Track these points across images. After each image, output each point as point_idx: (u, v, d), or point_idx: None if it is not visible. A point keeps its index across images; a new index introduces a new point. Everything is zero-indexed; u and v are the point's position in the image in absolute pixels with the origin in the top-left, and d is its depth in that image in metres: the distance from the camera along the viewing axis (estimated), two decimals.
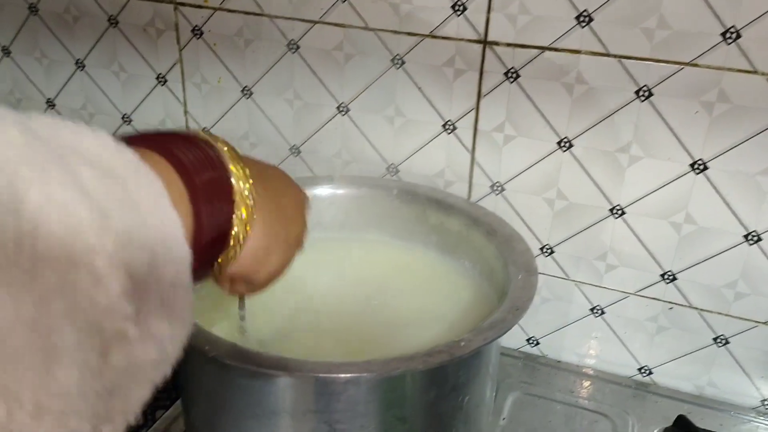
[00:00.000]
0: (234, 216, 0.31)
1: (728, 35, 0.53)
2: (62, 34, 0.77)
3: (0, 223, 0.18)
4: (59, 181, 0.20)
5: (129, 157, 0.24)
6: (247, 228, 0.32)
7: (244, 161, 0.32)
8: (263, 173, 0.34)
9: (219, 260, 0.32)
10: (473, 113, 0.64)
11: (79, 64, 0.79)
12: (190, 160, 0.28)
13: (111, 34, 0.75)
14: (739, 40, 0.53)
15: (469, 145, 0.66)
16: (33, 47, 0.80)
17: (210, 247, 0.30)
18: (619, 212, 0.62)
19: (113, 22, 0.74)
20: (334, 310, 0.60)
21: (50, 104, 0.83)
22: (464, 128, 0.65)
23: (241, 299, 0.50)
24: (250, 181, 0.32)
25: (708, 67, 0.54)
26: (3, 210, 0.18)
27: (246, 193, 0.31)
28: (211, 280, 0.34)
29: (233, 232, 0.31)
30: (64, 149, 0.21)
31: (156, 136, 0.30)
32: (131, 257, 0.21)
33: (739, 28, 0.52)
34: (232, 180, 0.31)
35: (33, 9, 0.77)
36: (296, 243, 0.39)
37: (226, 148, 0.32)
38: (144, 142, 0.27)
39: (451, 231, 0.63)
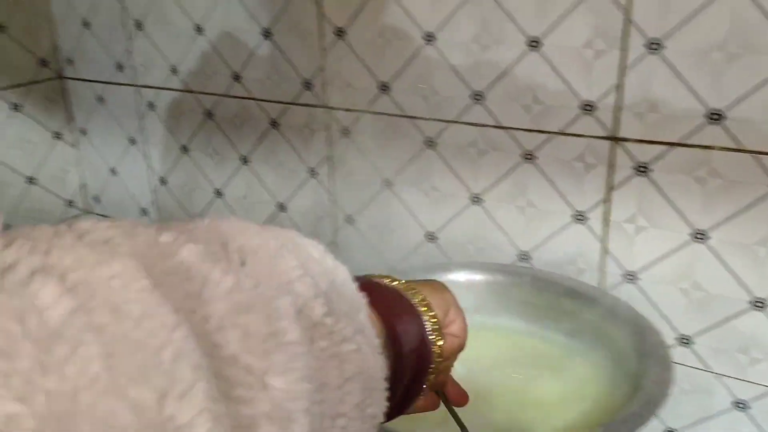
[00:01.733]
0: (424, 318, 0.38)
1: None
2: (232, 134, 0.89)
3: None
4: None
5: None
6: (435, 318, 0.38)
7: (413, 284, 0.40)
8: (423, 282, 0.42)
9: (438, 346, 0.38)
10: (604, 205, 0.66)
11: (244, 160, 0.90)
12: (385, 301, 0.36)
13: (272, 134, 0.86)
14: None
15: (601, 235, 0.68)
16: (206, 145, 0.93)
17: (414, 355, 0.36)
18: (761, 305, 0.61)
19: (274, 124, 0.85)
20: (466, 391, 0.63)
21: (218, 193, 0.95)
22: (595, 219, 0.67)
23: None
24: (421, 294, 0.39)
25: None
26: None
27: (418, 299, 0.38)
28: None
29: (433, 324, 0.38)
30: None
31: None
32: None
33: None
34: (411, 300, 0.38)
35: (209, 114, 0.90)
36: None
37: (396, 283, 0.39)
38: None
39: (583, 319, 0.65)
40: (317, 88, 0.80)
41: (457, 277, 0.70)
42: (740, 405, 0.65)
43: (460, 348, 0.41)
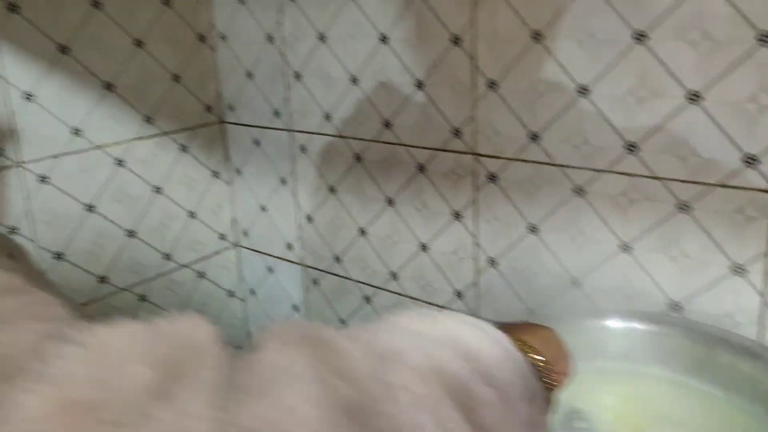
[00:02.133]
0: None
1: None
2: (379, 177, 0.95)
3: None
4: None
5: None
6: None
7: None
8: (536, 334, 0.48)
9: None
10: (765, 258, 0.66)
11: (389, 201, 0.96)
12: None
13: (418, 177, 0.91)
14: None
15: (761, 288, 0.67)
16: (354, 186, 0.99)
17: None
18: None
19: (421, 168, 0.90)
20: None
21: (362, 232, 1.01)
22: (755, 272, 0.67)
23: None
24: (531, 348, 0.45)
25: None
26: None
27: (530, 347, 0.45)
28: None
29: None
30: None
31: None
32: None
33: None
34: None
35: (358, 158, 0.97)
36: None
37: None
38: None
39: (743, 373, 0.64)
40: (466, 135, 0.84)
41: (608, 324, 0.71)
42: None
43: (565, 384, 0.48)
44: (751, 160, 0.64)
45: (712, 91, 0.65)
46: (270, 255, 1.17)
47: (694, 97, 0.66)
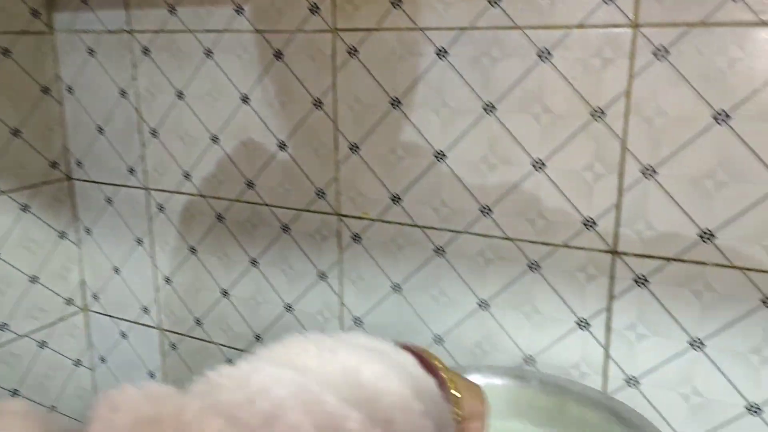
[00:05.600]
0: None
1: None
2: (242, 237, 0.93)
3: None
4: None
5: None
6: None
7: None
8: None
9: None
10: (605, 313, 0.71)
11: (253, 262, 0.93)
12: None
13: (283, 238, 0.90)
14: None
15: (603, 341, 0.72)
16: (216, 248, 0.96)
17: None
18: (757, 410, 0.65)
19: (285, 229, 0.89)
20: None
21: (224, 293, 0.97)
22: (597, 326, 0.72)
23: None
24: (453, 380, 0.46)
25: None
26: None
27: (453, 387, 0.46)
28: None
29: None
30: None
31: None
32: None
33: None
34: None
35: (219, 218, 0.94)
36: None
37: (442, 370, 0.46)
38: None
39: (591, 424, 0.68)
40: (330, 196, 0.85)
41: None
42: None
43: None
44: (589, 223, 0.70)
45: (554, 159, 0.70)
46: (123, 319, 1.10)
47: (538, 165, 0.71)
